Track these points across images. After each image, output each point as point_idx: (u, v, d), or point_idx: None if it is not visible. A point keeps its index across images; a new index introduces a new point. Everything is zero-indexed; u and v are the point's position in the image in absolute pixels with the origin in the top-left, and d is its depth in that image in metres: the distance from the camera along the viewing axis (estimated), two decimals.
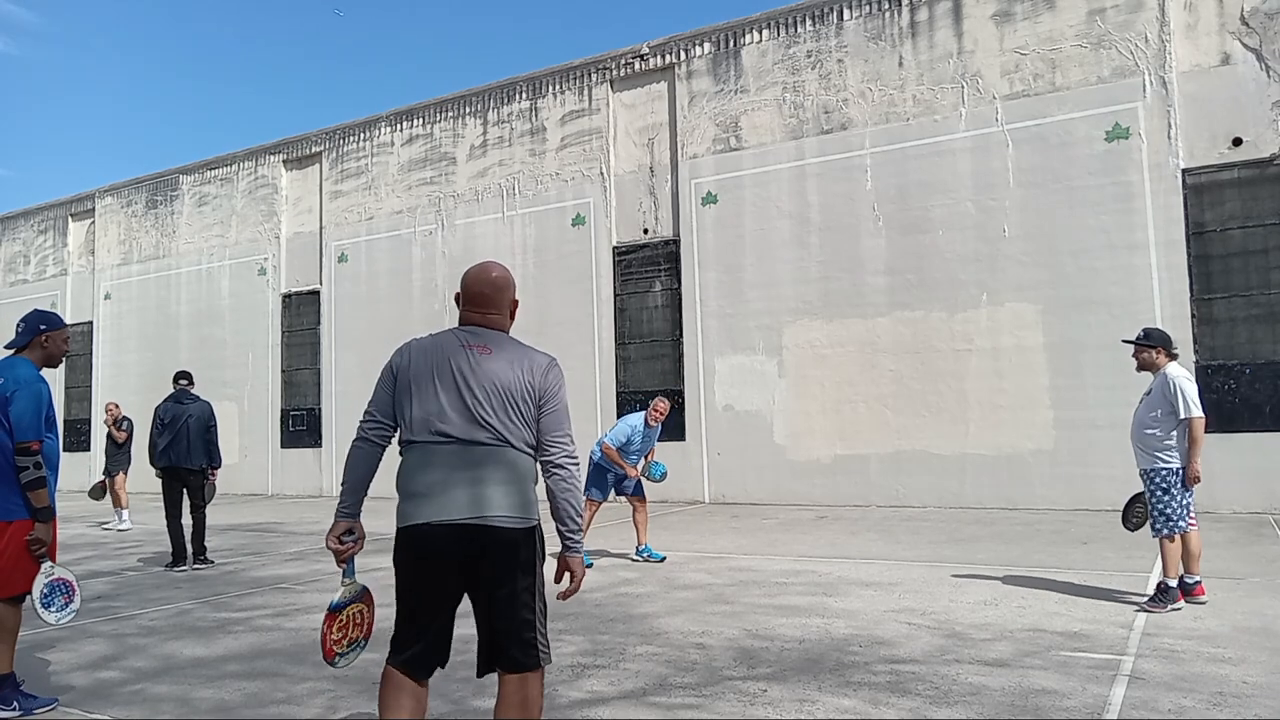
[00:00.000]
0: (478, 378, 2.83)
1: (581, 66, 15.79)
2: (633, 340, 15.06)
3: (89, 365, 22.19)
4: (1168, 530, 5.88)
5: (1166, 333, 6.31)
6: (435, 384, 2.85)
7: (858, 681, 4.42)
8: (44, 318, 4.59)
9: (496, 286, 3.02)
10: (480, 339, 2.94)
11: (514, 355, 2.92)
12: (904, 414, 12.62)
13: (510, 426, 2.82)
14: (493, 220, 16.48)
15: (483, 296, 3.01)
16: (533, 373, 2.89)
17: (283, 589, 7.49)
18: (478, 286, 3.01)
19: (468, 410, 2.80)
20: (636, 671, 4.68)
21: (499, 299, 3.03)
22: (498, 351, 2.90)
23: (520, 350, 2.95)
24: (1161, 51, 11.40)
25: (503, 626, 2.81)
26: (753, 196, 13.96)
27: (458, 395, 2.82)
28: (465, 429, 2.79)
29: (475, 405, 2.80)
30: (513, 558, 2.79)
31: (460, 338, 2.94)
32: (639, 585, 7.17)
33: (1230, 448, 10.66)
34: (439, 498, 2.77)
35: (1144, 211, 11.34)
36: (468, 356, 2.87)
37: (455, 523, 2.75)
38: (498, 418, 2.81)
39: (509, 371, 2.86)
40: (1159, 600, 5.79)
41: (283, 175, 19.54)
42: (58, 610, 4.40)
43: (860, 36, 13.32)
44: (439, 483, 2.78)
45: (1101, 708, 3.94)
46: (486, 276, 3.03)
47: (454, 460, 2.79)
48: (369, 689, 4.48)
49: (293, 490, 18.43)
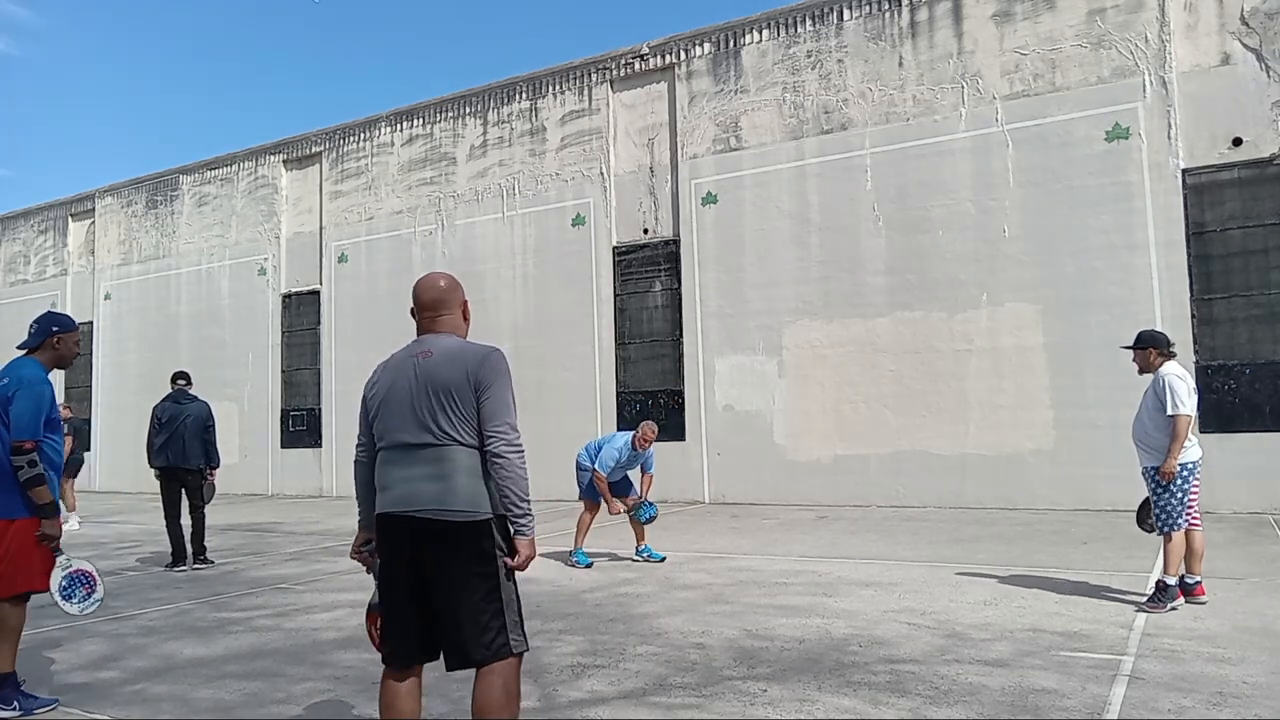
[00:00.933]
0: (421, 383, 3.03)
1: (581, 66, 15.79)
2: (633, 340, 15.06)
3: (89, 365, 22.18)
4: (1168, 528, 5.89)
5: (1159, 333, 6.30)
6: (392, 398, 3.09)
7: (857, 681, 4.42)
8: (56, 319, 4.62)
9: (444, 290, 3.21)
10: (424, 345, 3.12)
11: (454, 353, 3.07)
12: (904, 414, 12.62)
13: (453, 424, 2.99)
14: (493, 220, 16.48)
15: (433, 301, 3.20)
16: (468, 367, 3.02)
17: (282, 589, 7.49)
18: (428, 293, 3.20)
19: (415, 415, 3.02)
20: (636, 671, 4.68)
21: (449, 299, 3.21)
22: (438, 353, 3.07)
23: (460, 347, 3.10)
24: (1161, 51, 11.40)
25: (451, 618, 2.94)
26: (753, 196, 13.96)
27: (409, 403, 3.04)
28: (413, 433, 3.01)
29: (420, 409, 3.01)
30: (455, 549, 2.94)
31: (410, 349, 3.17)
32: (639, 585, 7.17)
33: (1230, 448, 10.66)
34: (390, 492, 3.03)
35: (1144, 211, 11.34)
36: (414, 365, 3.08)
37: (398, 514, 2.98)
38: (440, 417, 2.99)
39: (448, 370, 3.02)
40: (1158, 600, 5.79)
41: (283, 175, 19.54)
42: (80, 601, 4.46)
43: (860, 36, 13.32)
44: (390, 479, 3.04)
45: (1101, 708, 3.94)
46: (434, 282, 3.24)
47: (403, 459, 3.03)
48: (369, 689, 4.48)
49: (292, 490, 18.43)
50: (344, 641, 5.52)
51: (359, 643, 5.47)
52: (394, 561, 3.04)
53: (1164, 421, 5.89)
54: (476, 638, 2.92)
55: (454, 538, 2.94)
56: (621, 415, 14.81)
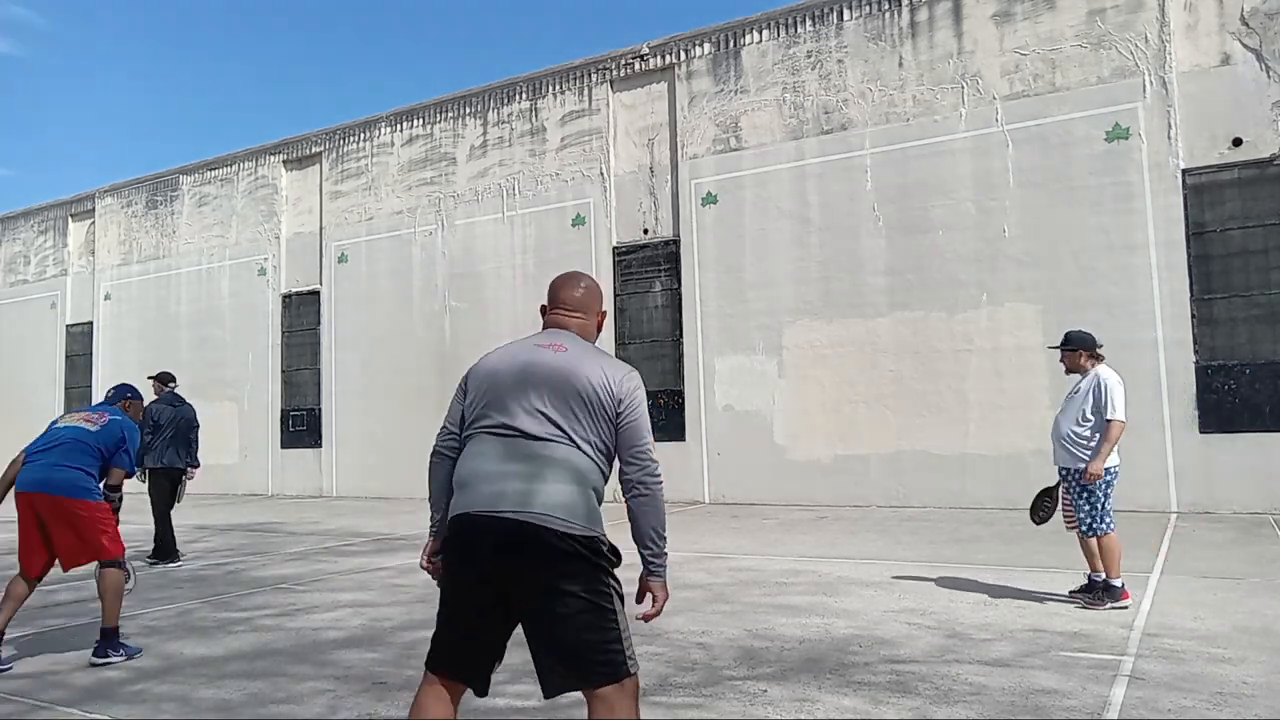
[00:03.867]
0: (544, 372, 2.67)
1: (581, 66, 15.80)
2: (633, 340, 15.06)
3: (89, 366, 22.19)
4: (1099, 530, 5.95)
5: (1087, 334, 6.50)
6: (501, 381, 2.71)
7: (859, 681, 4.43)
8: (128, 390, 6.10)
9: (586, 289, 2.96)
10: (557, 338, 2.80)
11: (590, 357, 2.75)
12: (904, 414, 12.63)
13: (575, 424, 2.62)
14: (493, 220, 16.48)
15: (572, 299, 2.93)
16: (608, 377, 2.68)
17: (284, 589, 7.50)
18: (566, 289, 2.95)
19: (529, 402, 2.64)
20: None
21: (586, 302, 2.94)
22: (573, 350, 2.74)
23: (597, 355, 2.79)
24: (1161, 52, 11.41)
25: (549, 637, 2.55)
26: (753, 196, 13.97)
27: (522, 388, 2.67)
28: (524, 420, 2.62)
29: (538, 398, 2.63)
30: (561, 561, 2.52)
31: (535, 339, 2.85)
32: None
33: (1230, 448, 10.68)
34: (484, 487, 2.59)
35: (1144, 211, 11.35)
36: (539, 354, 2.74)
37: (495, 515, 2.54)
38: (561, 413, 2.62)
39: (581, 370, 2.67)
40: (1100, 598, 5.89)
41: (283, 175, 19.54)
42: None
43: (860, 37, 13.32)
44: (487, 473, 2.60)
45: (1102, 708, 3.95)
46: (575, 280, 2.99)
47: (506, 450, 2.61)
48: (370, 689, 4.49)
49: (293, 490, 18.43)
50: (346, 641, 5.53)
51: (361, 642, 5.48)
52: (468, 565, 2.59)
53: (1099, 424, 5.98)
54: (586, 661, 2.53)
55: (564, 549, 2.51)
56: None
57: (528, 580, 2.53)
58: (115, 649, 5.22)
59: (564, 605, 2.51)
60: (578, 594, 2.52)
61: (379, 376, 17.46)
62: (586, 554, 2.55)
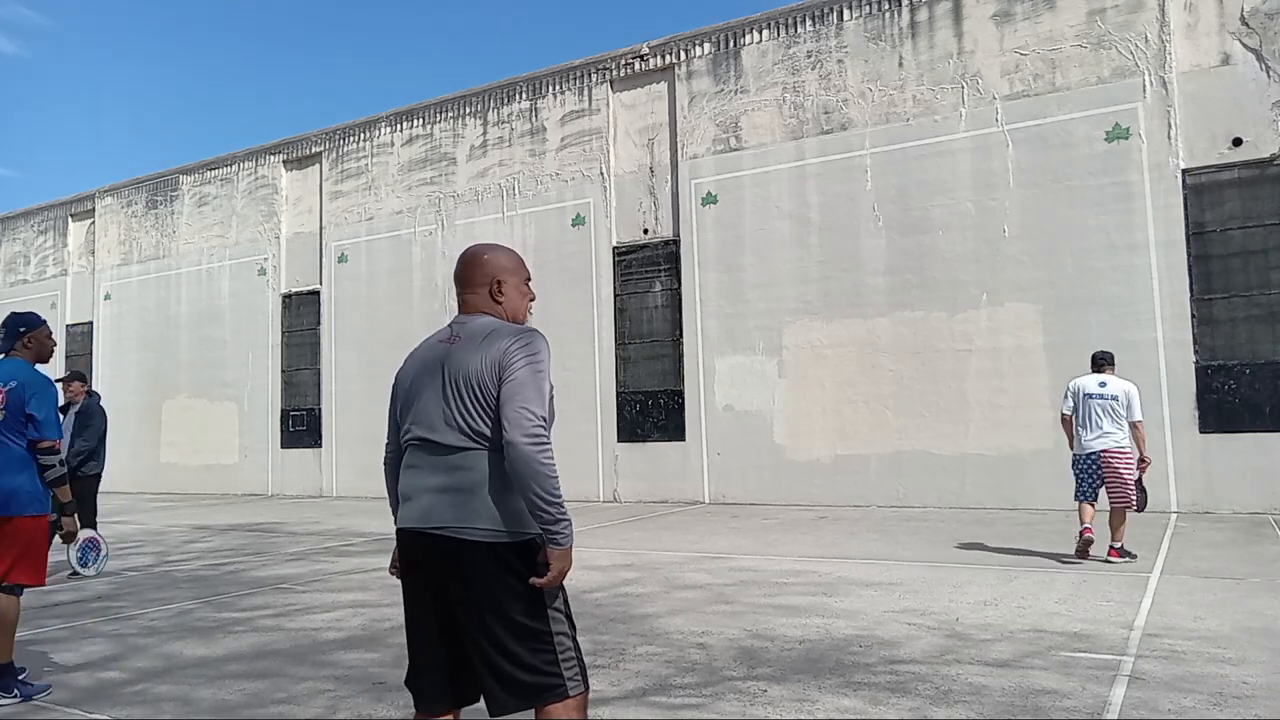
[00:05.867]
0: (447, 373, 2.58)
1: (581, 66, 15.80)
2: (633, 340, 15.06)
3: (89, 366, 22.17)
4: None
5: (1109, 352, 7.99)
6: (413, 388, 2.67)
7: (859, 681, 4.43)
8: (20, 319, 4.67)
9: (483, 261, 2.74)
10: (456, 328, 2.69)
11: (477, 340, 2.59)
12: (904, 414, 12.63)
13: (478, 421, 2.52)
14: (493, 220, 16.47)
15: (468, 276, 2.75)
16: (491, 355, 2.54)
17: (284, 589, 7.50)
18: (465, 268, 2.77)
19: (439, 407, 2.57)
20: (637, 671, 4.68)
21: (485, 273, 2.73)
22: (468, 339, 2.62)
23: (493, 331, 2.61)
24: (1161, 52, 11.40)
25: (482, 656, 2.49)
26: (753, 196, 13.97)
27: (431, 393, 2.60)
28: (440, 430, 2.56)
29: (447, 402, 2.56)
30: (488, 575, 2.47)
31: (439, 333, 2.75)
32: (639, 585, 7.18)
33: (1230, 448, 10.68)
34: (413, 502, 2.60)
35: (1144, 211, 11.35)
36: (438, 351, 2.66)
37: (423, 530, 2.54)
38: (464, 414, 2.53)
39: (476, 358, 2.55)
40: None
41: (283, 175, 19.54)
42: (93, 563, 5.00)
43: (860, 36, 13.32)
44: (412, 487, 2.61)
45: (1102, 708, 3.94)
46: (473, 256, 2.78)
47: (427, 463, 2.58)
48: (370, 689, 4.49)
49: (293, 490, 18.43)
50: (346, 642, 5.53)
51: (361, 643, 5.48)
52: (411, 579, 2.63)
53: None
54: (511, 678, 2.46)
55: (491, 561, 2.48)
56: (621, 415, 14.82)
57: (460, 597, 2.51)
58: (7, 689, 4.36)
59: (496, 623, 2.47)
60: (509, 613, 2.48)
61: (379, 376, 17.44)
62: (519, 564, 2.50)
